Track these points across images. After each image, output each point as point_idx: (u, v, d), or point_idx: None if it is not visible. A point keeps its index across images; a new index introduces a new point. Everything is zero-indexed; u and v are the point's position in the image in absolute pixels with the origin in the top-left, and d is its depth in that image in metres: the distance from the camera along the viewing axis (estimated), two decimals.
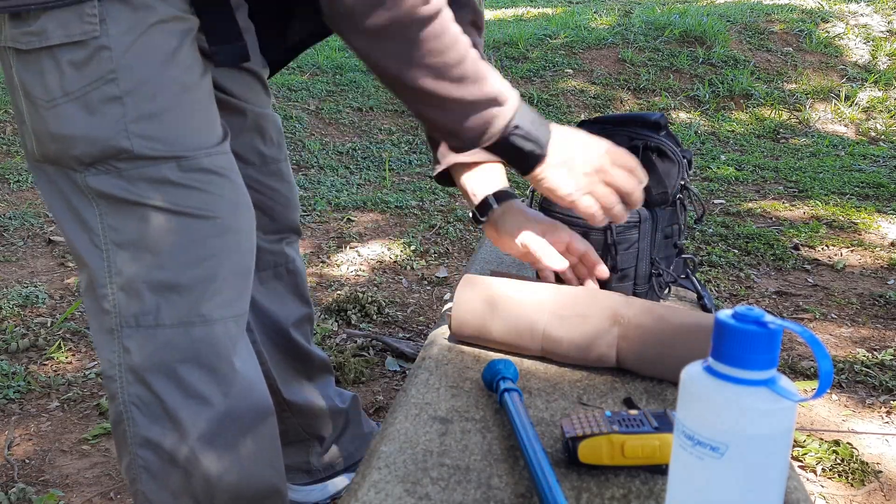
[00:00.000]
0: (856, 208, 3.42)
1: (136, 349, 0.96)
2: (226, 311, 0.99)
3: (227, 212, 0.98)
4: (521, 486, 0.76)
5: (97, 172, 0.92)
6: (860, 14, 6.37)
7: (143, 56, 0.89)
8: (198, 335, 0.97)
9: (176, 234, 0.95)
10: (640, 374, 1.00)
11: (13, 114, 1.09)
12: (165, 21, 0.91)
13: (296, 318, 1.36)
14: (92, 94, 0.88)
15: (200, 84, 0.96)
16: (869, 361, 2.10)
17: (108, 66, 0.88)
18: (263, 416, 1.05)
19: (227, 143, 1.00)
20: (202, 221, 0.96)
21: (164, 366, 0.97)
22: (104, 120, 0.89)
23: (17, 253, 2.77)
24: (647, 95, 5.13)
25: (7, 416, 1.82)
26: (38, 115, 0.91)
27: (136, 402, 0.98)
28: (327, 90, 4.86)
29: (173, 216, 0.94)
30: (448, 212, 3.33)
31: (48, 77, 0.88)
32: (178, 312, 0.96)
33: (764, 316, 0.56)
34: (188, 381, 0.97)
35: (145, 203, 0.93)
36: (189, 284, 0.96)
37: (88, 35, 0.87)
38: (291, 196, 1.31)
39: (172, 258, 0.95)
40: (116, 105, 0.89)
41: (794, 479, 0.82)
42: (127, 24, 0.88)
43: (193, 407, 0.98)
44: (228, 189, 0.99)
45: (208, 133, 0.97)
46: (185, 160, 0.93)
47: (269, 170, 1.25)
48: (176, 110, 0.92)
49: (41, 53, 0.88)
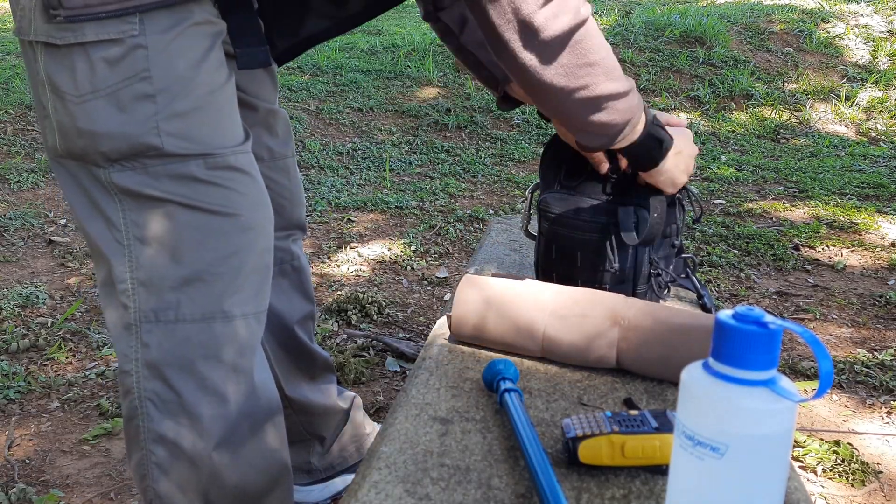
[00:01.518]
0: (856, 208, 3.42)
1: (154, 344, 0.97)
2: (247, 307, 1.00)
3: (248, 209, 0.99)
4: (522, 487, 0.76)
5: (122, 169, 0.92)
6: (860, 14, 6.37)
7: (178, 56, 0.90)
8: (218, 331, 0.98)
9: (199, 230, 0.95)
10: (640, 375, 1.00)
11: (34, 108, 1.10)
12: (199, 24, 0.92)
13: (300, 316, 1.37)
14: (124, 90, 0.89)
15: (227, 86, 0.98)
16: (869, 362, 2.10)
17: (143, 65, 0.89)
18: (274, 414, 1.06)
19: (250, 143, 1.01)
20: (225, 218, 0.97)
21: (183, 361, 0.97)
22: (135, 117, 0.90)
23: (18, 253, 2.77)
24: (647, 96, 5.12)
25: (7, 417, 1.82)
26: (66, 110, 0.91)
27: (152, 398, 0.98)
28: (327, 90, 4.86)
29: (197, 213, 0.95)
30: (448, 212, 3.33)
31: (79, 72, 0.88)
32: (199, 307, 0.96)
33: (764, 316, 0.56)
34: (207, 377, 0.98)
35: (170, 199, 0.94)
36: (211, 280, 0.96)
37: (126, 34, 0.87)
38: (298, 192, 1.32)
39: (195, 254, 0.96)
40: (149, 103, 0.90)
41: (794, 480, 0.82)
42: (164, 24, 0.89)
43: (211, 403, 0.99)
44: (251, 187, 1.00)
45: (233, 133, 0.98)
46: (211, 157, 0.94)
47: (276, 165, 1.26)
48: (205, 110, 0.94)
49: (73, 49, 0.88)
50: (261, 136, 1.23)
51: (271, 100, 1.25)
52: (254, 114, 1.21)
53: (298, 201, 1.32)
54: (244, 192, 0.99)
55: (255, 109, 1.21)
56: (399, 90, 4.94)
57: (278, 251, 1.31)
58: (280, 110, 1.26)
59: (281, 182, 1.28)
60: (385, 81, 5.06)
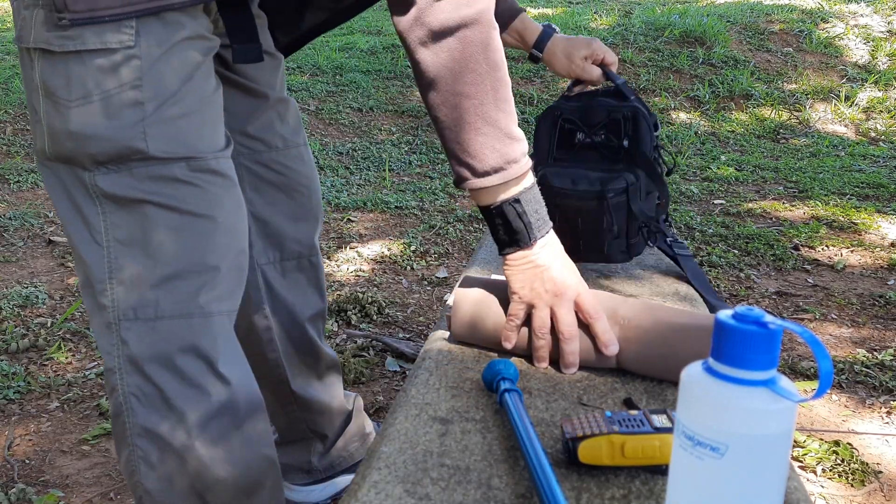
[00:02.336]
0: (856, 208, 3.42)
1: (134, 341, 0.99)
2: (223, 305, 1.03)
3: (227, 212, 1.02)
4: (521, 487, 0.76)
5: (107, 171, 0.95)
6: (860, 14, 6.37)
7: (169, 68, 0.94)
8: (196, 326, 1.00)
9: (180, 230, 0.98)
10: (640, 375, 1.00)
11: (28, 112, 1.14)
12: (192, 38, 0.96)
13: (312, 312, 1.38)
14: (115, 97, 0.92)
15: (214, 96, 1.02)
16: (869, 362, 2.11)
17: (136, 74, 0.92)
18: (255, 410, 1.07)
19: (230, 150, 1.05)
20: (203, 220, 0.99)
21: (162, 356, 0.99)
22: (124, 121, 0.93)
23: (17, 253, 2.77)
24: (647, 95, 5.12)
25: (7, 417, 1.82)
26: (58, 114, 0.94)
27: (136, 393, 1.01)
28: (327, 90, 4.86)
29: (178, 213, 0.98)
30: (448, 212, 3.33)
31: (74, 79, 0.92)
32: (178, 304, 0.99)
33: (764, 316, 0.56)
34: (186, 371, 1.00)
35: (152, 201, 0.96)
36: (189, 277, 0.99)
37: (123, 44, 0.91)
38: (315, 179, 1.34)
39: (175, 253, 0.98)
40: (137, 109, 0.93)
41: (794, 480, 0.82)
42: (158, 37, 0.93)
43: (192, 396, 1.01)
44: (231, 191, 1.03)
45: (216, 139, 1.02)
46: (194, 160, 0.98)
47: (290, 154, 1.28)
48: (191, 117, 0.97)
49: (69, 56, 0.91)
50: (273, 123, 1.25)
51: (280, 88, 1.27)
52: (265, 101, 1.24)
53: (316, 188, 1.34)
54: (223, 195, 1.02)
55: (266, 97, 1.24)
56: (399, 90, 4.94)
57: (298, 244, 1.33)
58: (290, 99, 1.29)
59: (298, 170, 1.29)
60: (385, 81, 5.06)
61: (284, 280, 1.33)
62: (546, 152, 1.38)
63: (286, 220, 1.29)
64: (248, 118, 1.22)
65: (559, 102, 1.40)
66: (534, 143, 1.38)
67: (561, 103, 1.39)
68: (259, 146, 1.24)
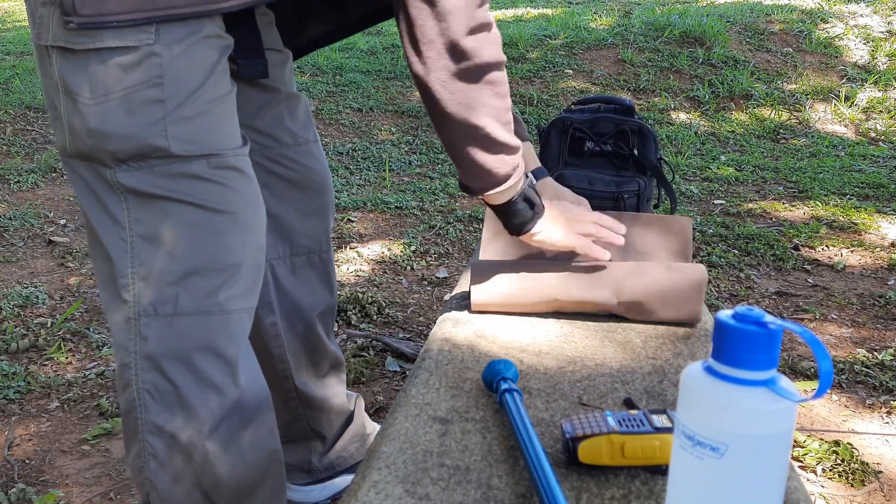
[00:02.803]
0: (856, 209, 3.42)
1: (153, 337, 0.99)
2: (241, 302, 1.03)
3: (246, 209, 1.03)
4: (521, 487, 0.76)
5: (128, 169, 0.96)
6: (860, 14, 6.37)
7: (188, 66, 0.95)
8: (214, 324, 1.01)
9: (200, 227, 0.99)
10: (639, 372, 1.00)
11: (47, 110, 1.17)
12: (210, 37, 0.97)
13: (322, 309, 1.38)
14: (135, 94, 0.93)
15: (229, 95, 1.02)
16: (869, 362, 2.11)
17: (156, 72, 0.93)
18: (264, 408, 1.08)
19: (248, 148, 1.06)
20: (224, 217, 1.00)
21: (179, 353, 1.00)
22: (144, 119, 0.94)
23: (17, 253, 2.77)
24: (646, 96, 5.13)
25: (7, 416, 1.82)
26: (78, 112, 0.94)
27: (150, 389, 1.01)
28: (327, 91, 4.86)
29: (199, 210, 0.98)
30: (448, 212, 3.33)
31: (94, 77, 0.92)
32: (197, 301, 1.00)
33: (764, 316, 0.56)
34: (202, 369, 1.01)
35: (173, 198, 0.97)
36: (209, 275, 1.00)
37: (142, 42, 0.91)
38: (327, 175, 1.34)
39: (195, 250, 0.99)
40: (158, 107, 0.94)
41: (794, 480, 0.82)
42: (178, 35, 0.93)
43: (206, 395, 1.01)
44: (249, 188, 1.04)
45: (234, 136, 1.03)
46: (214, 158, 0.99)
47: (301, 150, 1.29)
48: (209, 115, 0.98)
49: (89, 54, 0.92)
50: (284, 119, 1.26)
51: (290, 84, 1.28)
52: (276, 96, 1.24)
53: (327, 185, 1.34)
54: (243, 192, 1.02)
55: (278, 92, 1.24)
56: (399, 90, 4.94)
57: (309, 240, 1.34)
58: (300, 95, 1.29)
59: (310, 165, 1.30)
60: (385, 81, 5.07)
61: (293, 276, 1.33)
62: (557, 158, 1.55)
63: (296, 215, 1.30)
64: (258, 113, 1.23)
65: (567, 114, 1.57)
66: (541, 150, 1.57)
67: (569, 115, 1.55)
68: (268, 141, 1.25)
